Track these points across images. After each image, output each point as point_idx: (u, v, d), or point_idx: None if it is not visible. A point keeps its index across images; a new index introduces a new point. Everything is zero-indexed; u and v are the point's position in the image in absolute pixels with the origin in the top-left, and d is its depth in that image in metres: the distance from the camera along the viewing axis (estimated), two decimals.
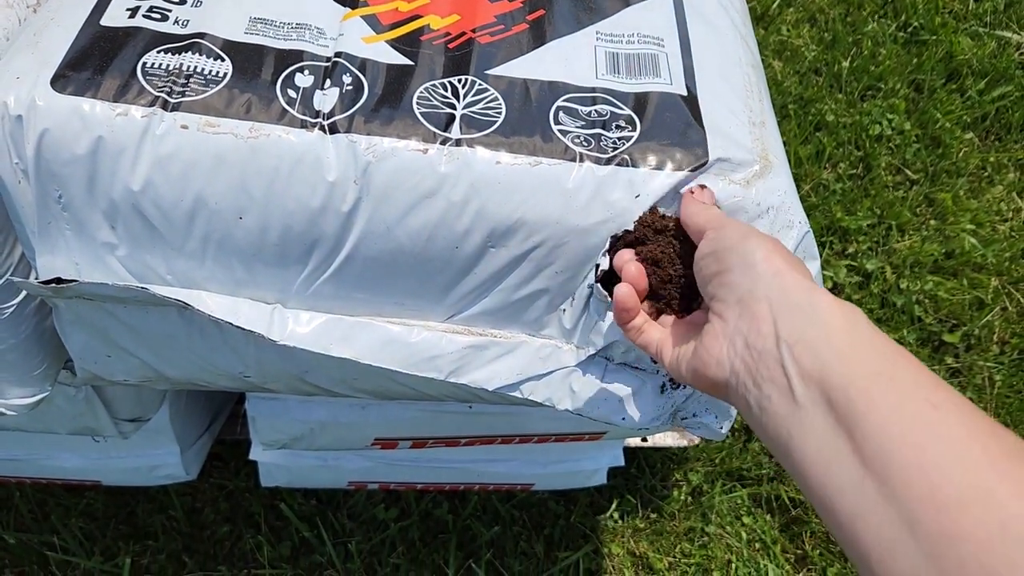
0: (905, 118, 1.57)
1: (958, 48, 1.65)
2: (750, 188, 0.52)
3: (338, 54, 0.55)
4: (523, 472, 1.05)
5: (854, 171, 1.52)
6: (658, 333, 0.51)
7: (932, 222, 1.46)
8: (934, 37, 1.68)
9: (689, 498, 1.22)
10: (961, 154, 1.53)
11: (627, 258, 0.52)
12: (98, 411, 0.84)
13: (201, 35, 0.54)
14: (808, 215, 0.58)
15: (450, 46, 0.57)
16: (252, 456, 0.97)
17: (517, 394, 0.57)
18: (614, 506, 1.20)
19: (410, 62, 0.56)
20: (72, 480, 1.09)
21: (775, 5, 1.72)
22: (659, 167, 0.52)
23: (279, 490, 1.17)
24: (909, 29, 1.71)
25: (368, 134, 0.51)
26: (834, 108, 1.57)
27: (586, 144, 0.53)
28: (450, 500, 1.19)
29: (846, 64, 1.63)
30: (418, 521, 1.17)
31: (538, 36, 0.59)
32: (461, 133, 0.52)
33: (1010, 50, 1.67)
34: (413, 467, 1.02)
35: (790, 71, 1.63)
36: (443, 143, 0.52)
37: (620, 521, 1.20)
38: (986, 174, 1.53)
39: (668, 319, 0.52)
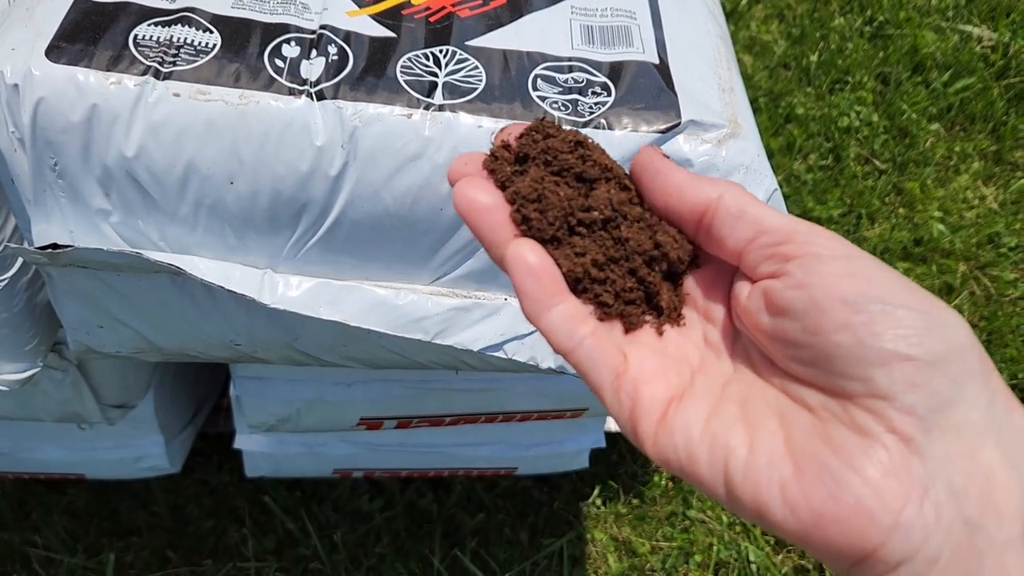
0: (873, 110, 1.61)
1: (922, 42, 1.70)
2: (721, 148, 0.55)
3: (323, 27, 0.57)
4: (506, 456, 1.06)
5: (824, 162, 1.56)
6: (620, 357, 0.29)
7: (901, 210, 1.50)
8: (899, 31, 1.72)
9: (670, 483, 1.24)
10: (928, 144, 1.58)
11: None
12: (85, 396, 0.84)
13: (190, 9, 0.56)
14: (776, 180, 0.59)
15: (431, 19, 0.60)
16: (237, 444, 0.98)
17: (501, 354, 0.59)
18: (596, 492, 1.22)
19: (392, 34, 0.58)
20: (55, 474, 1.09)
21: (744, 2, 1.76)
22: (634, 129, 0.54)
23: (263, 483, 1.17)
24: (875, 24, 1.76)
25: (354, 100, 0.53)
26: (803, 101, 1.61)
27: (564, 109, 0.55)
28: (434, 490, 1.20)
29: (814, 58, 1.67)
30: (403, 512, 1.18)
31: (515, 10, 0.61)
32: (444, 99, 0.54)
33: (972, 43, 1.73)
34: (397, 452, 1.03)
35: (760, 66, 1.67)
36: (427, 108, 0.54)
37: (603, 507, 1.22)
38: (952, 163, 1.57)
39: (620, 334, 0.30)
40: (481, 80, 0.56)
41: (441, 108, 0.54)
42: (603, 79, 0.57)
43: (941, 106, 1.63)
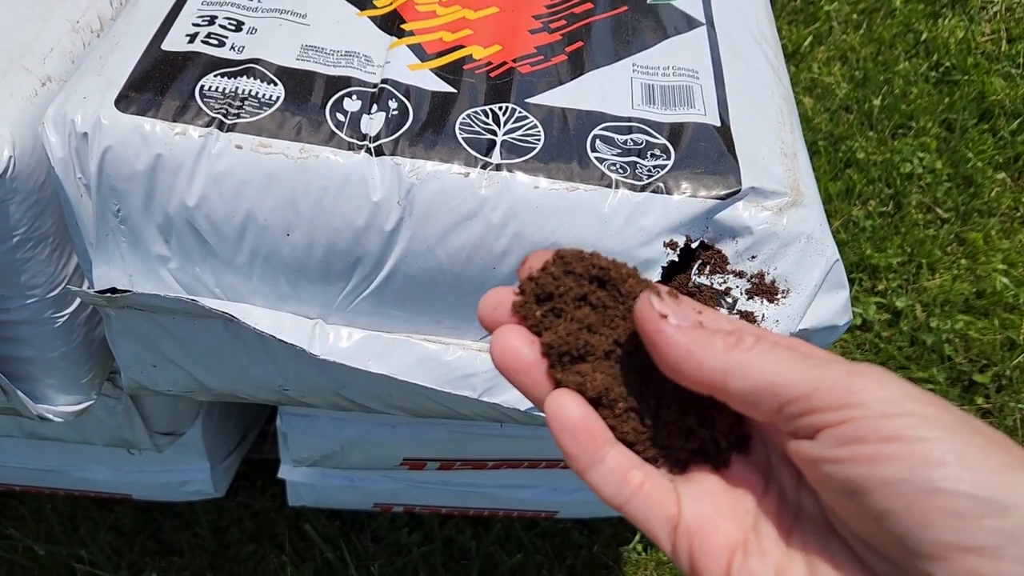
0: (936, 157, 1.57)
1: (990, 88, 1.66)
2: (782, 216, 0.53)
3: (384, 81, 0.57)
4: (548, 499, 1.05)
5: (884, 208, 1.52)
6: (674, 504, 0.27)
7: (963, 261, 1.46)
8: (966, 77, 1.68)
9: None
10: (993, 194, 1.53)
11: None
12: (135, 424, 0.86)
13: (256, 61, 0.57)
14: (838, 251, 0.57)
15: (492, 75, 0.60)
16: (281, 475, 0.99)
17: None
18: (637, 538, 1.20)
19: (453, 90, 0.58)
20: (103, 493, 1.11)
21: (806, 43, 1.74)
22: (693, 194, 0.54)
23: (304, 511, 1.18)
24: (941, 69, 1.72)
25: (412, 157, 0.53)
26: (865, 146, 1.58)
27: (622, 171, 0.54)
28: (473, 527, 1.19)
29: (877, 102, 1.64)
30: (441, 547, 1.17)
31: (576, 67, 0.61)
32: (501, 158, 0.54)
33: None
34: (439, 490, 1.03)
35: (821, 108, 1.65)
36: (484, 167, 0.54)
37: (644, 553, 1.20)
38: (1018, 214, 1.53)
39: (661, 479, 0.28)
40: (539, 139, 0.55)
41: (498, 167, 0.54)
42: (663, 141, 0.56)
43: (1008, 155, 1.58)
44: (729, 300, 0.54)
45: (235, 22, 0.59)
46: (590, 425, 0.27)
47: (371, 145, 0.54)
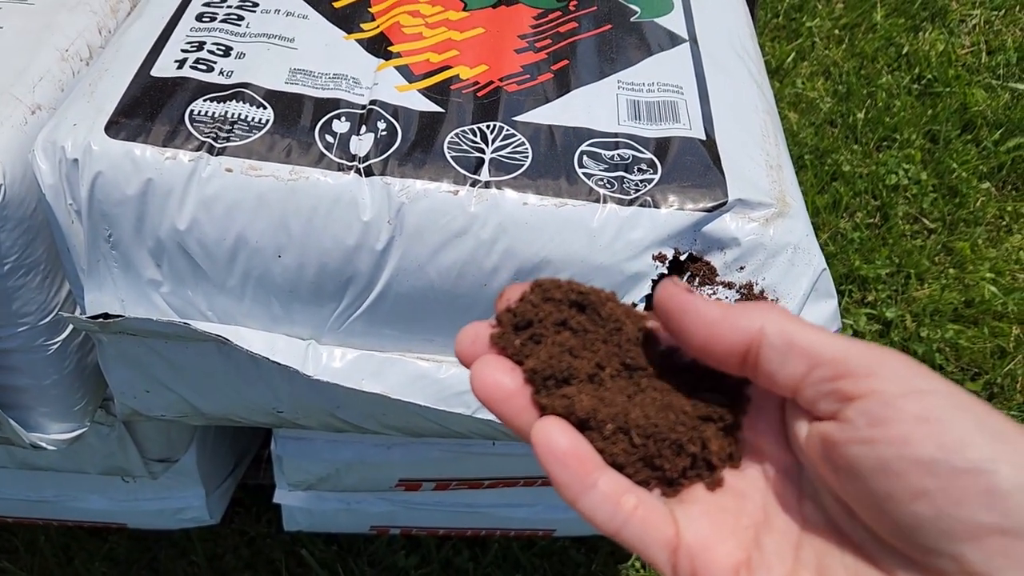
0: (921, 168, 1.59)
1: (972, 100, 1.68)
2: (768, 227, 0.54)
3: (373, 102, 0.58)
4: (545, 517, 1.05)
5: (871, 220, 1.53)
6: (671, 527, 0.26)
7: (951, 271, 1.47)
8: (948, 89, 1.70)
9: None
10: (978, 204, 1.55)
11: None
12: (129, 451, 0.85)
13: (245, 85, 0.57)
14: (826, 263, 0.57)
15: (479, 94, 0.60)
16: (276, 499, 0.98)
17: None
18: (635, 555, 1.19)
19: (441, 109, 0.59)
20: (98, 523, 1.10)
21: (790, 59, 1.76)
22: (680, 207, 0.54)
23: (300, 536, 1.17)
24: (923, 81, 1.74)
25: (402, 176, 0.54)
26: (850, 159, 1.59)
27: (609, 186, 0.55)
28: (471, 548, 1.19)
29: (861, 116, 1.66)
30: (438, 569, 1.17)
31: (562, 85, 0.62)
32: (490, 176, 0.55)
33: None
34: (435, 511, 1.02)
35: (805, 123, 1.66)
36: (473, 185, 0.54)
37: (642, 571, 1.19)
38: (1004, 223, 1.54)
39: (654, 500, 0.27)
40: (527, 156, 0.56)
41: (487, 185, 0.54)
42: (649, 156, 0.57)
43: (992, 165, 1.60)
44: None
45: (223, 47, 0.60)
46: (579, 452, 0.26)
47: (360, 165, 0.54)
